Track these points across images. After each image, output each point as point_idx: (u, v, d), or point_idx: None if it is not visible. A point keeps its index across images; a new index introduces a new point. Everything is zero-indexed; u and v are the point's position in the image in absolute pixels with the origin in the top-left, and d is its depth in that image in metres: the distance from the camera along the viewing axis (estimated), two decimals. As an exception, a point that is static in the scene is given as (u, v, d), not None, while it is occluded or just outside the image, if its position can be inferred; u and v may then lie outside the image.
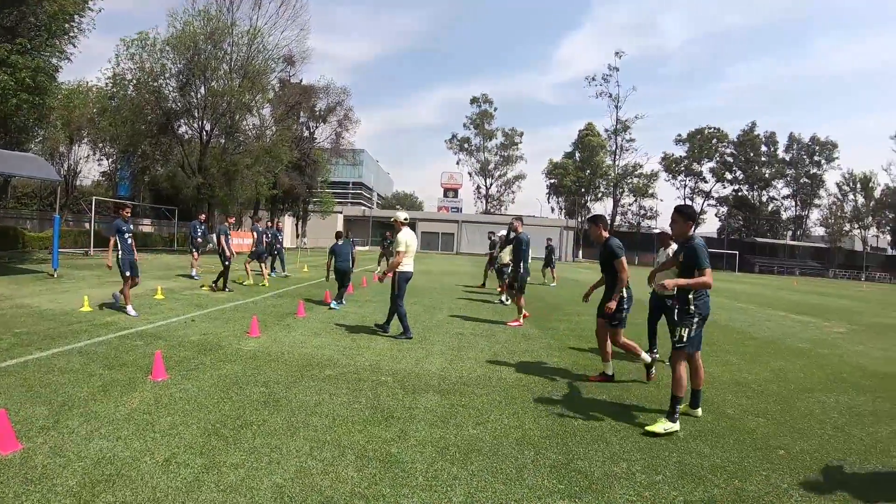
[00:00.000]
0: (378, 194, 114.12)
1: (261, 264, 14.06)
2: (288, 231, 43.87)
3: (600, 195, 67.07)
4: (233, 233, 13.74)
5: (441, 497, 2.92)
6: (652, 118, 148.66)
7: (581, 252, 61.80)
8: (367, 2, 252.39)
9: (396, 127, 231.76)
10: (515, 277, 9.09)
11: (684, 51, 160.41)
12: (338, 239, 10.25)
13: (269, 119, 34.98)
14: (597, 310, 5.54)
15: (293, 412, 4.12)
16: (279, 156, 30.73)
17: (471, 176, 73.72)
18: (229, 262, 11.44)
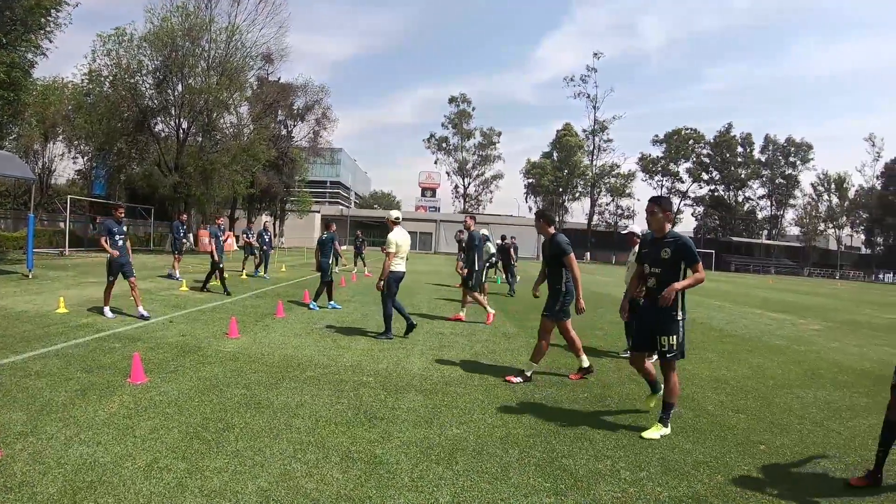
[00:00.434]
0: (356, 193, 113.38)
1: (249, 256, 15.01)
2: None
3: (578, 195, 67.71)
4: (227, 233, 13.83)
5: (427, 497, 2.91)
6: (629, 119, 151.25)
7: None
8: (346, 0, 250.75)
9: (374, 126, 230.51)
10: (470, 275, 9.17)
11: (663, 52, 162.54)
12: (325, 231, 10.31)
13: (247, 117, 34.64)
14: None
15: (275, 414, 4.07)
16: (257, 154, 30.41)
17: (449, 175, 73.37)
18: (222, 266, 11.34)
